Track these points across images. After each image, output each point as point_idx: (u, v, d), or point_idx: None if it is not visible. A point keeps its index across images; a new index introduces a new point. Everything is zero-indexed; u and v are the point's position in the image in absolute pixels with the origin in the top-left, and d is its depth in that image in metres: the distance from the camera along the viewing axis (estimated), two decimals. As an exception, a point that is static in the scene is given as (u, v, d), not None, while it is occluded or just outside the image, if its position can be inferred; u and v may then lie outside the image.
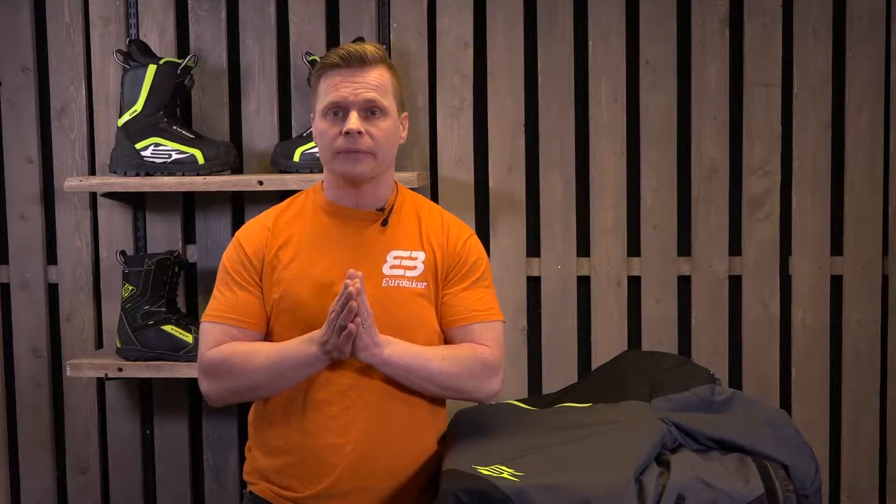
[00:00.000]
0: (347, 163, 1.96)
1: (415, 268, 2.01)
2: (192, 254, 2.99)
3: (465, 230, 2.11)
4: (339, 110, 1.95)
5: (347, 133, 1.93)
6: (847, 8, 2.85)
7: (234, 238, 2.10)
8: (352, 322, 1.86)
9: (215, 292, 2.07)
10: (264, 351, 1.98)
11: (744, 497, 1.74)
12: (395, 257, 2.01)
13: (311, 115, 2.05)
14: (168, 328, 2.79)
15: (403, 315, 2.00)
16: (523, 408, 2.09)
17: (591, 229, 2.93)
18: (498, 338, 2.06)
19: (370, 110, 1.95)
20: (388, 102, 1.97)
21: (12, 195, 3.03)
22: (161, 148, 2.78)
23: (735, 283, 2.93)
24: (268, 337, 2.05)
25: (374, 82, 1.95)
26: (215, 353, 2.00)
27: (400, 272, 2.00)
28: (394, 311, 1.98)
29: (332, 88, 1.95)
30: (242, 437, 2.95)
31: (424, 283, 2.01)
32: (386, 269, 2.00)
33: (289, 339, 1.97)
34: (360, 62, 1.95)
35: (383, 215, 2.03)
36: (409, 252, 2.02)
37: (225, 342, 2.01)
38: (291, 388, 1.99)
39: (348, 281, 1.86)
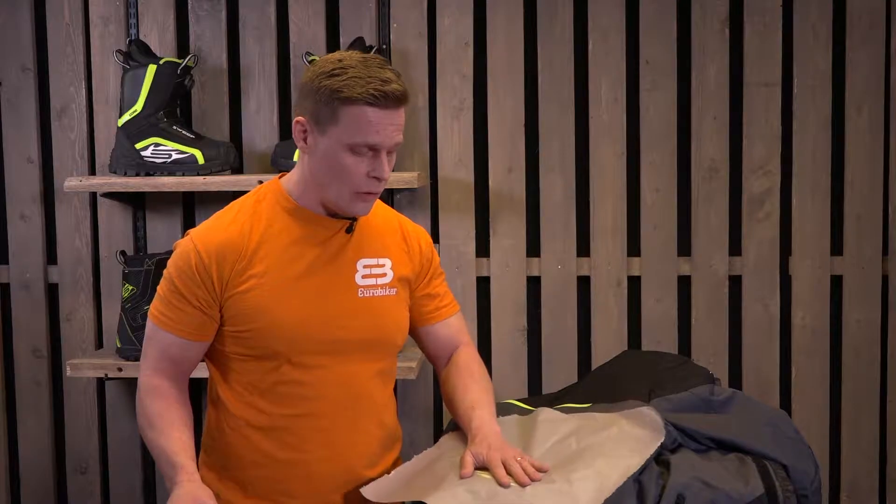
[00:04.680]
0: (361, 205, 1.89)
1: (385, 275, 1.98)
2: (192, 254, 2.99)
3: (422, 231, 2.10)
4: (367, 149, 1.84)
5: (376, 178, 1.85)
6: (847, 8, 2.85)
7: (188, 242, 1.91)
8: None
9: (161, 290, 1.95)
10: (153, 434, 1.89)
11: (744, 497, 1.74)
12: (365, 266, 1.97)
13: (300, 119, 1.88)
14: (168, 328, 2.79)
15: (382, 325, 1.97)
16: (523, 408, 2.09)
17: (591, 229, 2.93)
18: (465, 326, 2.16)
19: (391, 149, 1.88)
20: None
21: (12, 195, 3.03)
22: (161, 148, 2.78)
23: (735, 283, 2.93)
24: (221, 358, 1.96)
25: (402, 122, 1.87)
26: (143, 393, 1.92)
27: (372, 281, 1.96)
28: (373, 322, 1.96)
29: (366, 129, 1.83)
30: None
31: (395, 290, 1.99)
32: (359, 279, 1.95)
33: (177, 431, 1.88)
34: (396, 104, 1.84)
35: (347, 223, 1.96)
36: (376, 259, 1.98)
37: (170, 356, 1.93)
38: (264, 406, 1.93)
39: None
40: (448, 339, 2.10)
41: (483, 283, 2.97)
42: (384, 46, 2.89)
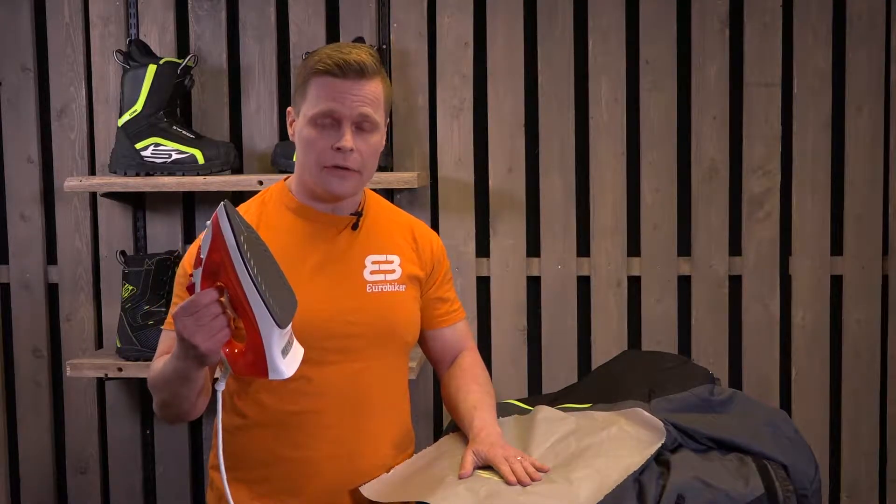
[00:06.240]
0: (334, 180, 1.88)
1: (393, 271, 1.98)
2: (192, 254, 2.99)
3: (434, 235, 2.11)
4: (330, 120, 1.87)
5: (339, 149, 1.86)
6: (847, 8, 2.85)
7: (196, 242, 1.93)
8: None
9: (174, 298, 1.98)
10: (156, 380, 1.86)
11: (744, 497, 1.74)
12: (374, 262, 1.97)
13: (290, 109, 1.97)
14: (168, 328, 2.79)
15: (392, 320, 1.97)
16: (523, 408, 2.09)
17: (591, 229, 2.93)
18: (471, 332, 2.20)
19: (361, 124, 1.88)
20: (379, 117, 1.91)
21: (12, 195, 3.03)
22: (161, 148, 2.78)
23: (735, 283, 2.93)
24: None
25: (370, 96, 1.88)
26: (149, 374, 1.91)
27: (381, 277, 1.97)
28: (382, 318, 1.96)
29: (325, 97, 1.87)
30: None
31: (404, 286, 1.99)
32: (367, 275, 1.96)
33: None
34: (357, 74, 1.87)
35: (354, 219, 1.97)
36: (384, 256, 1.99)
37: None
38: (269, 402, 1.92)
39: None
40: (454, 343, 2.11)
41: (483, 283, 2.97)
42: (384, 46, 2.89)
